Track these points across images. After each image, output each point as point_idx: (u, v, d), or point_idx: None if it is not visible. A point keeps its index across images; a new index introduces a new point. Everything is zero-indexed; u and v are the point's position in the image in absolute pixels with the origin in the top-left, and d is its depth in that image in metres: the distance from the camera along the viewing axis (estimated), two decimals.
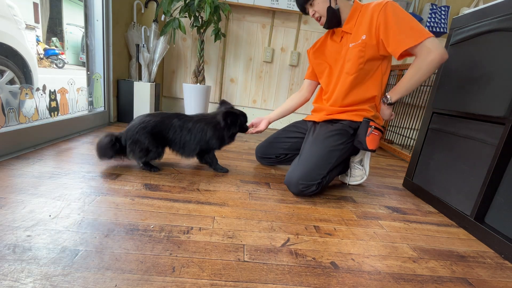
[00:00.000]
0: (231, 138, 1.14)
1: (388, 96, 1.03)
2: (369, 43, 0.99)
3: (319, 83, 1.29)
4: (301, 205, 0.93)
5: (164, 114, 1.07)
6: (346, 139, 1.06)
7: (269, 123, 1.25)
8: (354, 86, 1.07)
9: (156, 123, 1.03)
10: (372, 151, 1.06)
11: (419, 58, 0.93)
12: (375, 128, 1.03)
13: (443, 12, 2.07)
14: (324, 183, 1.01)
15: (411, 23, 0.92)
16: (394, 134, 2.06)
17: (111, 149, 1.00)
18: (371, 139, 1.02)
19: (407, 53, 0.94)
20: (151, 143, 1.01)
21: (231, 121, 1.09)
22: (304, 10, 1.10)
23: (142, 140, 1.00)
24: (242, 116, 1.14)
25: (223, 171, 1.16)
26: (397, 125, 2.03)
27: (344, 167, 1.16)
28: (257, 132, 1.23)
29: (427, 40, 0.90)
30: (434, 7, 2.08)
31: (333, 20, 1.06)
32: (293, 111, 1.32)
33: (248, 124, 1.20)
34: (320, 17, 1.07)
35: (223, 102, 1.19)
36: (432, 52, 0.89)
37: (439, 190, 1.03)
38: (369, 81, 1.07)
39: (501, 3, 0.83)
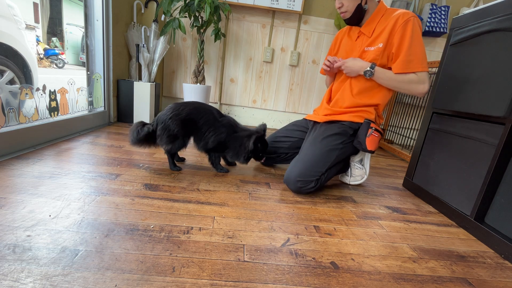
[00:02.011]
0: (247, 160, 1.11)
1: (373, 71, 1.04)
2: (384, 52, 1.03)
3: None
4: (301, 205, 0.93)
5: (196, 105, 1.07)
6: (345, 139, 1.07)
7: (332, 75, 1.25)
8: (362, 91, 1.09)
9: (191, 111, 1.04)
10: (371, 152, 1.07)
11: (415, 77, 1.01)
12: (375, 130, 1.05)
13: (443, 12, 2.07)
14: (323, 181, 1.02)
15: (420, 51, 0.99)
16: (394, 134, 2.06)
17: (142, 133, 1.01)
18: (370, 140, 1.04)
19: (405, 73, 1.01)
20: (180, 131, 1.01)
21: (257, 148, 1.09)
22: None
23: (172, 127, 1.00)
24: (266, 147, 1.15)
25: (223, 171, 1.15)
26: (397, 125, 2.03)
27: (344, 166, 1.17)
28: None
29: (425, 73, 1.01)
30: (434, 7, 2.08)
31: (356, 18, 1.07)
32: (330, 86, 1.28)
33: (326, 63, 1.16)
34: (345, 12, 1.06)
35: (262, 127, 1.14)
36: (424, 84, 1.01)
37: (439, 190, 1.03)
38: (376, 88, 1.09)
39: (501, 3, 0.83)
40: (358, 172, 1.17)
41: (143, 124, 1.04)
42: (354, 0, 1.03)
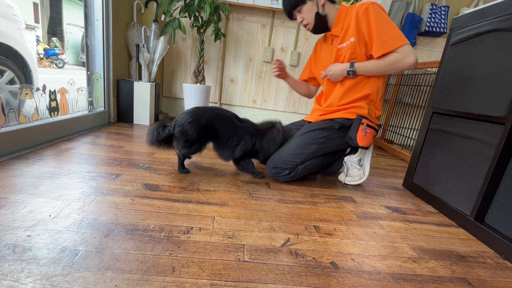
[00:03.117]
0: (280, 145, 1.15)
1: (354, 69, 1.06)
2: (358, 44, 1.05)
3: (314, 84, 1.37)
4: (301, 205, 0.93)
5: (216, 112, 1.06)
6: (328, 134, 1.10)
7: (288, 76, 1.31)
8: (351, 87, 1.11)
9: (211, 117, 1.03)
10: (364, 148, 1.10)
11: (397, 55, 1.00)
12: (368, 126, 1.06)
13: (443, 12, 2.07)
14: (299, 171, 1.08)
15: (390, 28, 1.00)
16: (394, 134, 2.06)
17: (163, 135, 1.00)
18: (362, 136, 1.06)
19: (385, 54, 1.01)
20: (198, 137, 1.00)
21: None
22: (291, 16, 1.15)
23: (190, 132, 0.99)
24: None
25: (259, 177, 1.14)
26: (397, 125, 2.03)
27: (333, 163, 1.18)
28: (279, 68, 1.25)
29: (406, 45, 0.99)
30: (434, 7, 2.08)
31: (320, 26, 1.12)
32: (297, 90, 1.39)
33: (273, 65, 1.25)
34: (307, 24, 1.12)
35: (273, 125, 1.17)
36: (409, 55, 0.99)
37: (439, 190, 1.03)
38: (364, 80, 1.10)
39: (501, 3, 0.83)
40: (356, 172, 1.17)
41: (164, 125, 1.03)
42: (310, 11, 1.08)
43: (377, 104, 1.14)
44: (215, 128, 1.04)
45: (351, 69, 1.06)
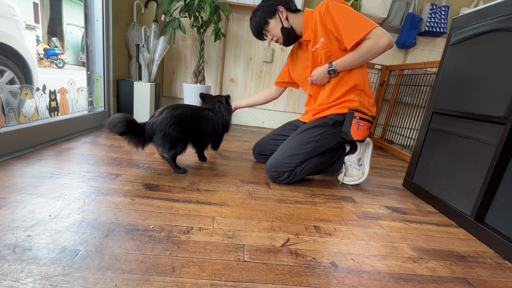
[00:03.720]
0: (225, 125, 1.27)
1: (333, 67, 1.07)
2: (330, 42, 1.06)
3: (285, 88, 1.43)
4: (301, 205, 0.93)
5: (193, 107, 1.12)
6: (323, 131, 1.10)
7: (236, 109, 1.38)
8: (336, 83, 1.12)
9: (188, 115, 1.06)
10: (359, 141, 1.11)
11: (370, 41, 0.99)
12: (361, 118, 1.06)
13: (443, 12, 2.07)
14: (298, 173, 1.08)
15: (355, 18, 1.00)
16: (394, 134, 2.06)
17: (128, 125, 0.93)
18: (355, 130, 1.06)
19: (358, 43, 1.01)
20: (181, 136, 1.02)
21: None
22: (261, 38, 1.19)
23: (173, 133, 0.99)
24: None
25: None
26: (397, 125, 2.03)
27: (332, 163, 1.18)
28: None
29: (375, 29, 0.98)
30: (434, 7, 2.08)
31: (290, 37, 1.14)
32: (260, 104, 1.46)
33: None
34: (278, 39, 1.15)
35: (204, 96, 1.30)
36: (382, 37, 0.97)
37: (439, 190, 1.03)
38: (347, 74, 1.10)
39: (501, 3, 0.83)
40: (355, 172, 1.17)
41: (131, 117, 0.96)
42: (276, 27, 1.12)
43: (367, 92, 1.14)
44: (193, 126, 1.09)
45: (331, 68, 1.07)
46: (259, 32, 1.16)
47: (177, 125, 1.01)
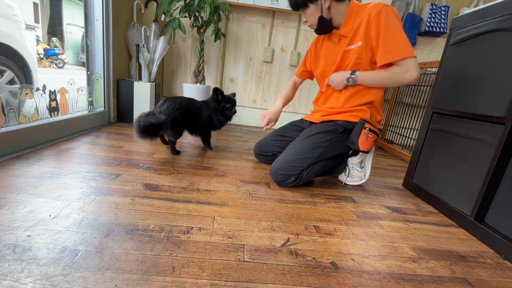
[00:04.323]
0: (219, 121, 1.39)
1: (355, 77, 1.05)
2: (365, 49, 1.02)
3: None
4: (301, 205, 0.93)
5: (183, 98, 1.30)
6: (333, 137, 1.08)
7: (280, 112, 1.31)
8: (353, 94, 1.10)
9: (187, 103, 1.27)
10: (364, 152, 1.09)
11: (399, 69, 0.97)
12: (370, 130, 1.05)
13: (443, 12, 2.07)
14: (304, 176, 1.05)
15: (399, 37, 0.95)
16: (394, 134, 2.06)
17: (146, 123, 1.11)
18: (363, 141, 1.05)
19: (389, 64, 0.99)
20: (182, 121, 1.22)
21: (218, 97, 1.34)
22: (297, 10, 1.10)
23: (178, 118, 1.19)
24: (229, 98, 1.37)
25: (209, 148, 1.44)
26: (397, 125, 2.03)
27: (337, 166, 1.17)
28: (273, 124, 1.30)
29: (409, 59, 0.95)
30: (434, 7, 2.08)
31: (324, 29, 1.09)
32: (291, 99, 1.42)
33: (262, 122, 1.29)
34: (311, 25, 1.09)
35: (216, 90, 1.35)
36: (412, 71, 0.95)
37: (439, 190, 1.03)
38: (366, 89, 1.08)
39: (501, 3, 0.83)
40: (357, 173, 1.17)
41: (147, 114, 1.16)
42: (314, 13, 1.05)
43: (378, 109, 1.14)
44: (191, 113, 1.28)
45: (352, 76, 1.04)
46: (296, 9, 1.08)
47: (179, 111, 1.22)
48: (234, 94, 1.43)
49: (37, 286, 0.46)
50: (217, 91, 1.32)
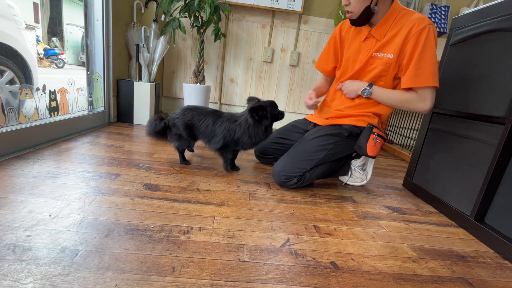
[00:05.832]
0: (267, 132, 1.09)
1: (371, 92, 1.02)
2: (394, 64, 0.97)
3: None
4: (301, 205, 0.93)
5: (200, 111, 1.13)
6: (337, 140, 1.06)
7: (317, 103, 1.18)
8: (364, 102, 1.07)
9: (192, 117, 1.12)
10: (372, 157, 1.07)
11: (415, 95, 0.96)
12: (378, 135, 1.03)
13: (443, 12, 2.07)
14: (307, 178, 1.03)
15: (431, 63, 0.91)
16: (394, 134, 2.06)
17: (158, 125, 1.11)
18: (371, 146, 1.03)
19: (412, 88, 0.97)
20: (183, 131, 1.12)
21: (260, 116, 1.04)
22: None
23: (178, 126, 1.12)
24: (271, 106, 1.07)
25: (226, 169, 1.17)
26: (397, 125, 2.03)
27: (340, 168, 1.16)
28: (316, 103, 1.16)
29: (430, 88, 0.93)
30: (434, 7, 2.08)
31: (363, 20, 0.98)
32: (326, 92, 1.30)
33: (307, 101, 1.15)
34: (351, 13, 0.97)
35: (250, 99, 1.12)
36: (427, 101, 0.94)
37: (439, 190, 1.03)
38: (375, 101, 1.06)
39: (501, 3, 0.83)
40: (358, 175, 1.17)
41: (161, 118, 1.13)
42: (362, 1, 0.93)
43: (384, 121, 1.14)
44: (196, 125, 1.12)
45: (368, 88, 1.02)
46: None
47: (181, 120, 1.14)
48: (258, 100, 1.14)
49: (37, 286, 0.46)
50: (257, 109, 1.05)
